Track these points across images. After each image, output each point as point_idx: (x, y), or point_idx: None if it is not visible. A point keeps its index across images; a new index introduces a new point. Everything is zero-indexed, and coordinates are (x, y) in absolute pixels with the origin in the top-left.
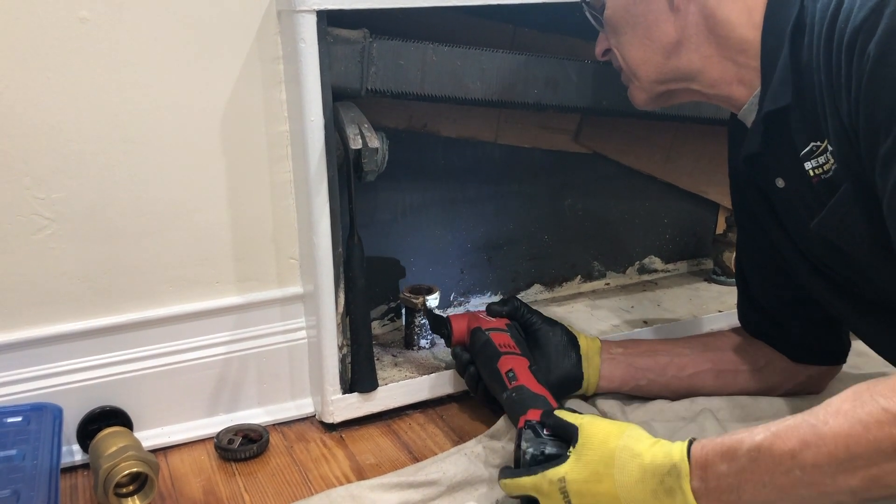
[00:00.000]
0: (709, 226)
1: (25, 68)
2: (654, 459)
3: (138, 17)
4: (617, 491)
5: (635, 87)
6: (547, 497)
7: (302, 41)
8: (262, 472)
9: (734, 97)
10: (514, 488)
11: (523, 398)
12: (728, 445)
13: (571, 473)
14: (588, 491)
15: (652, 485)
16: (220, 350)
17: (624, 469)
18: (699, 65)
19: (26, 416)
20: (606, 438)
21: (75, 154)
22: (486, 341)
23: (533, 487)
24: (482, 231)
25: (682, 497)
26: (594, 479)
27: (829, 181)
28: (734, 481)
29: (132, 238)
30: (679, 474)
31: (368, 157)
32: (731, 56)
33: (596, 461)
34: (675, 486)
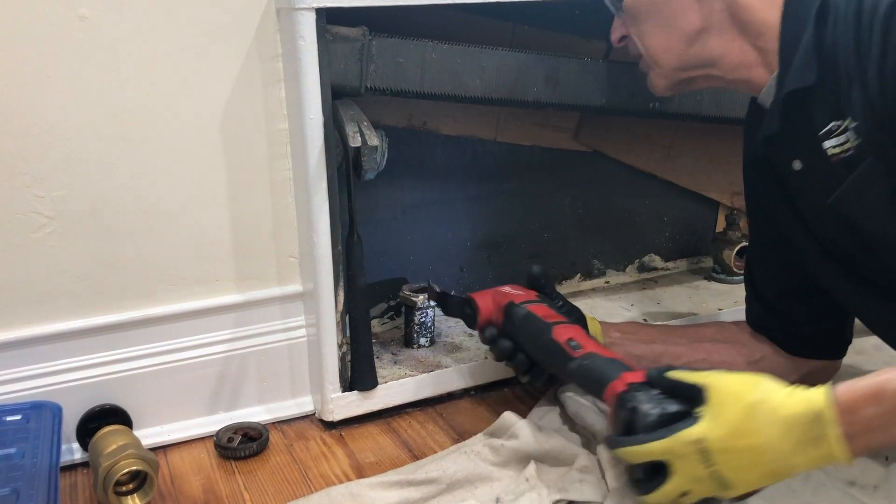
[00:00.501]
0: (709, 224)
1: (25, 66)
2: (795, 410)
3: (138, 16)
4: (762, 444)
5: (656, 74)
6: (682, 459)
7: (301, 39)
8: (262, 470)
9: (753, 80)
10: (639, 455)
11: (599, 364)
12: (874, 388)
13: (711, 432)
14: (731, 447)
15: (796, 435)
16: (220, 348)
17: (766, 423)
18: (720, 50)
19: (26, 414)
20: (741, 393)
21: (75, 152)
22: (527, 315)
23: (664, 451)
24: (482, 229)
25: (828, 445)
26: (735, 435)
27: (848, 160)
28: (884, 421)
29: (132, 236)
30: (824, 422)
31: (368, 155)
32: (751, 40)
33: (735, 418)
34: (821, 434)
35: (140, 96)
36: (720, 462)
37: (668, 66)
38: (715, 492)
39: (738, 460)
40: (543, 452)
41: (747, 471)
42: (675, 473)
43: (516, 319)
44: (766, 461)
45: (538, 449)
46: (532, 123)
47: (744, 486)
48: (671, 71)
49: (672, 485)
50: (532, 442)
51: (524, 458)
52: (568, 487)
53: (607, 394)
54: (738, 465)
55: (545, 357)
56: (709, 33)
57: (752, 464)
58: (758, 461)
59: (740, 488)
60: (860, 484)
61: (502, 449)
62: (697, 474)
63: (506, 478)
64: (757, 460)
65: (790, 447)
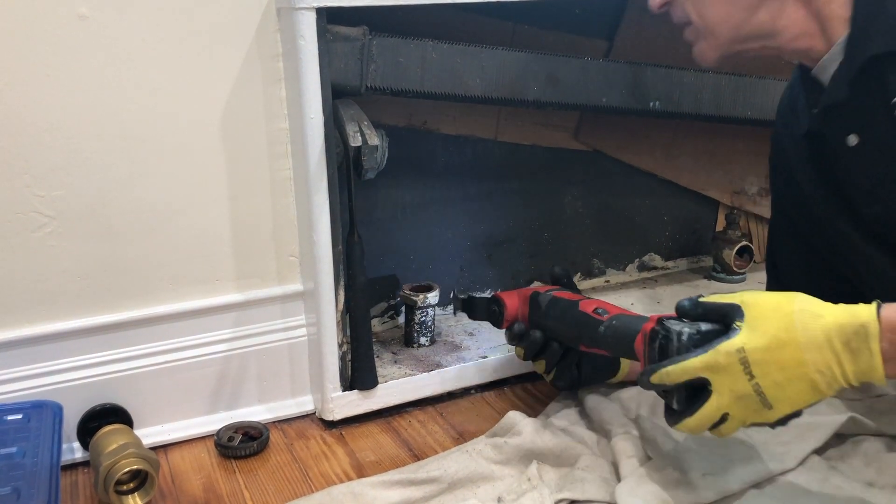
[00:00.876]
0: (709, 223)
1: (25, 66)
2: (838, 319)
3: (138, 15)
4: (803, 355)
5: (709, 45)
6: (723, 371)
7: (301, 38)
8: (263, 469)
9: (814, 49)
10: (678, 374)
11: (628, 320)
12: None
13: (751, 342)
14: (771, 359)
15: (838, 345)
16: (221, 347)
17: (807, 330)
18: (783, 21)
19: (27, 413)
20: (778, 305)
21: (75, 152)
22: (553, 298)
23: (705, 366)
24: (482, 228)
25: (869, 358)
26: (776, 345)
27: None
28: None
29: (132, 235)
30: (867, 335)
31: (368, 154)
32: (816, 7)
33: (774, 328)
34: (863, 346)
35: (140, 95)
36: (760, 375)
37: (724, 37)
38: (755, 414)
39: (780, 372)
40: (546, 450)
41: (788, 385)
42: (715, 392)
43: (543, 304)
44: (807, 372)
45: (541, 447)
46: (532, 123)
47: (785, 403)
48: (728, 42)
49: (713, 404)
50: (535, 439)
51: (526, 455)
52: (570, 487)
53: (638, 341)
54: (780, 377)
55: (575, 331)
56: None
57: (794, 376)
58: (799, 372)
59: (781, 407)
60: (879, 485)
61: (505, 447)
62: (739, 389)
63: (507, 477)
64: (798, 371)
65: (831, 356)
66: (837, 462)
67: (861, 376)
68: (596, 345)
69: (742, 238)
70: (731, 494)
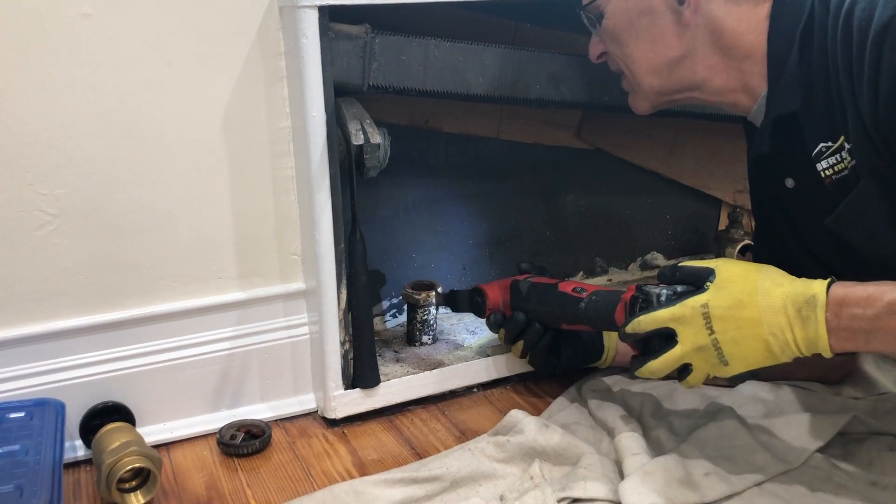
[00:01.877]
0: (711, 222)
1: (27, 64)
2: (795, 288)
3: (140, 14)
4: (760, 315)
5: (638, 96)
6: (688, 323)
7: (304, 37)
8: (265, 467)
9: (739, 104)
10: (648, 323)
11: (607, 294)
12: (870, 293)
13: (715, 300)
14: (731, 316)
15: (791, 311)
16: (223, 346)
17: (768, 295)
18: (704, 74)
19: (29, 411)
20: (747, 272)
21: (77, 150)
22: (532, 283)
23: (671, 317)
24: (484, 227)
25: (815, 326)
26: (738, 305)
27: (843, 181)
28: (867, 325)
29: (134, 234)
30: (816, 304)
31: (370, 153)
32: (736, 64)
33: (739, 291)
34: (811, 314)
35: (142, 94)
36: (720, 330)
37: (650, 90)
38: (714, 367)
39: (737, 330)
40: (549, 449)
41: (744, 343)
42: (679, 342)
43: (523, 290)
44: (762, 332)
45: (543, 445)
46: (534, 121)
47: (740, 361)
48: (653, 94)
49: (676, 351)
50: (538, 438)
51: (529, 454)
52: (572, 485)
53: (618, 311)
54: (737, 335)
55: (557, 310)
56: (692, 58)
57: (750, 335)
58: (755, 332)
59: (736, 364)
60: (882, 484)
61: (507, 445)
62: (699, 341)
63: (510, 475)
64: (754, 331)
65: (785, 321)
66: (840, 461)
67: (809, 344)
68: (578, 321)
69: (745, 237)
70: (735, 493)
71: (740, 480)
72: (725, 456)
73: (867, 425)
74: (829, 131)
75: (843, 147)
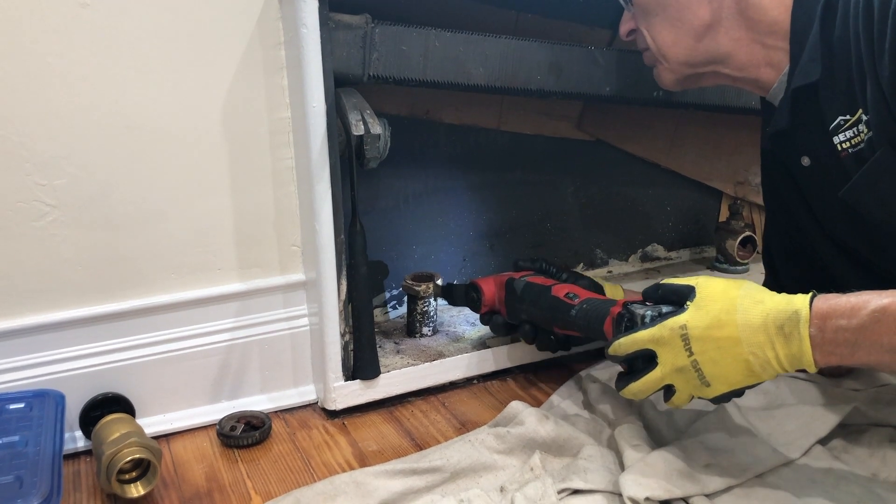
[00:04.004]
0: (712, 213)
1: (26, 54)
2: (777, 305)
3: (139, 4)
4: (739, 334)
5: (663, 68)
6: (666, 344)
7: (304, 27)
8: (265, 458)
9: (762, 79)
10: (628, 345)
11: (598, 304)
12: (853, 304)
13: (693, 321)
14: (710, 336)
15: (773, 329)
16: (223, 337)
17: (747, 314)
18: (729, 48)
19: (29, 402)
20: (726, 289)
21: (76, 140)
22: (527, 283)
23: (650, 338)
24: (484, 218)
25: (799, 342)
26: (716, 325)
27: (858, 154)
28: (852, 337)
29: (134, 225)
30: (798, 320)
31: (370, 143)
32: (760, 38)
33: (718, 309)
34: (794, 331)
35: (141, 84)
36: (699, 351)
37: (675, 61)
38: (696, 388)
39: (716, 351)
40: (549, 440)
41: (724, 363)
42: (659, 363)
43: (518, 289)
44: (741, 352)
45: (544, 436)
46: (535, 112)
47: (721, 381)
48: (679, 66)
49: (656, 373)
50: (538, 429)
51: (529, 445)
52: (573, 477)
53: (607, 323)
54: (716, 356)
55: (549, 314)
56: (717, 30)
57: (729, 355)
58: (734, 351)
59: (717, 385)
60: (883, 475)
61: (508, 436)
62: (679, 363)
63: (510, 467)
64: (733, 351)
65: (765, 338)
66: (841, 453)
67: (793, 360)
68: (568, 327)
69: (745, 228)
70: (735, 485)
71: (741, 472)
72: (726, 447)
73: (867, 417)
74: (848, 104)
75: (860, 120)
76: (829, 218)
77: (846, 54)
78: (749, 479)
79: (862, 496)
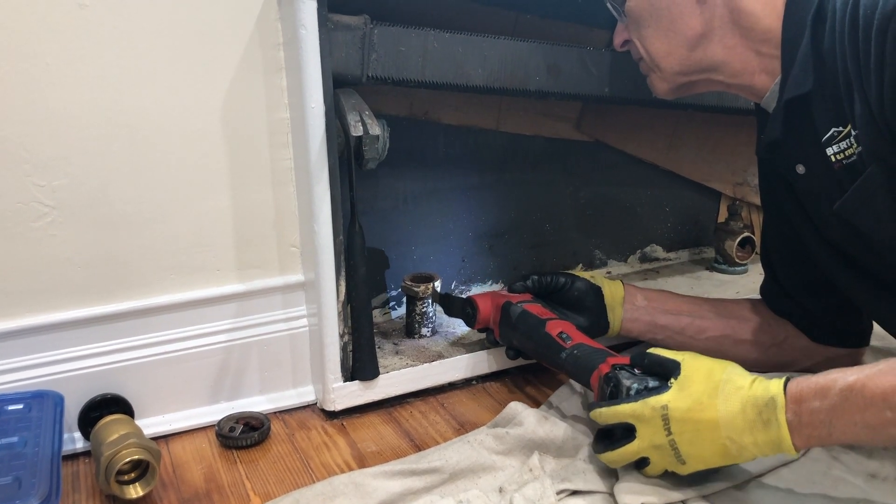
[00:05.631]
0: (711, 214)
1: (25, 54)
2: (755, 392)
3: (138, 3)
4: (718, 419)
5: (657, 77)
6: (646, 423)
7: (302, 27)
8: (264, 459)
9: (756, 87)
10: (609, 416)
11: (588, 353)
12: (822, 384)
13: (675, 402)
14: (690, 419)
15: (752, 415)
16: (222, 338)
17: (728, 400)
18: (722, 56)
19: (28, 403)
20: (710, 372)
21: (76, 141)
22: (523, 312)
23: (632, 413)
24: (483, 219)
25: (777, 428)
26: (697, 408)
27: (851, 166)
28: (826, 417)
29: (133, 225)
30: (775, 406)
31: (369, 144)
32: (753, 46)
33: (700, 392)
34: (772, 417)
35: (140, 85)
36: (677, 432)
37: (669, 71)
38: (671, 464)
39: (695, 433)
40: (548, 441)
41: (701, 445)
42: (638, 437)
43: (513, 317)
44: (719, 436)
45: (543, 437)
46: (534, 113)
47: (696, 461)
48: (672, 75)
49: (633, 447)
50: (537, 430)
51: (528, 445)
52: (572, 477)
53: (594, 377)
54: (694, 437)
55: (540, 350)
56: (710, 38)
57: (707, 438)
58: (712, 436)
59: (693, 463)
60: (881, 476)
61: (506, 437)
62: (657, 441)
63: (509, 467)
64: (711, 434)
65: (744, 425)
66: (840, 454)
67: (772, 445)
68: (556, 367)
69: (744, 229)
70: (733, 487)
71: (739, 473)
72: None
73: None
74: (839, 116)
75: (850, 133)
76: (825, 224)
77: (835, 67)
78: (747, 481)
79: (860, 498)
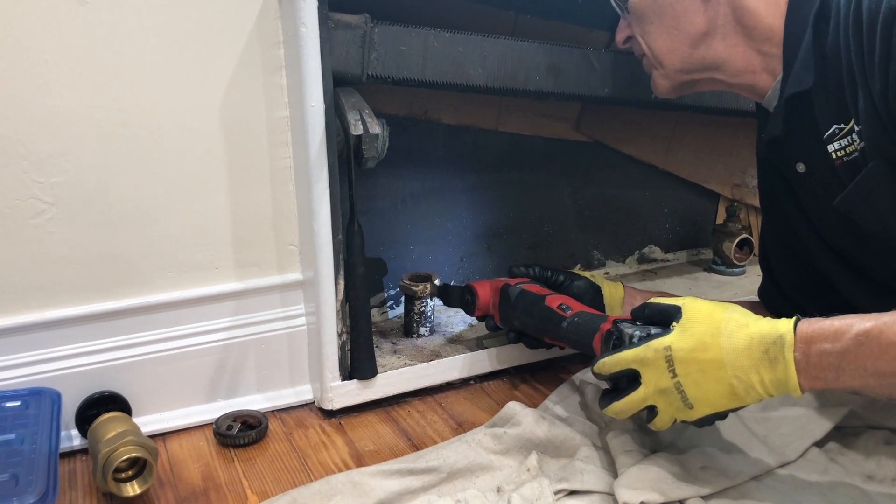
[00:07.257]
0: (709, 215)
1: (24, 51)
2: (761, 329)
3: (138, 1)
4: (723, 358)
5: (659, 75)
6: (650, 366)
7: (303, 26)
8: (261, 458)
9: (757, 85)
10: (612, 364)
11: (589, 318)
12: (836, 327)
13: (678, 343)
14: (694, 359)
15: (757, 353)
16: (220, 336)
17: (731, 337)
18: (725, 54)
19: (25, 400)
20: (712, 312)
21: (74, 138)
22: (522, 291)
23: (635, 358)
24: (482, 219)
25: (784, 366)
26: (700, 347)
27: (852, 162)
28: (836, 361)
29: (131, 223)
30: (783, 344)
31: (369, 143)
32: (756, 45)
33: (702, 332)
34: (779, 355)
35: (140, 82)
36: (682, 373)
37: (671, 68)
38: (678, 410)
39: (700, 373)
40: (546, 441)
41: (707, 386)
42: (643, 383)
43: (512, 297)
44: (725, 375)
45: (541, 437)
46: (533, 113)
47: (704, 403)
48: (674, 73)
49: (639, 393)
50: (535, 430)
51: (526, 445)
52: (570, 477)
53: (596, 339)
54: (699, 378)
55: (541, 324)
56: (713, 36)
57: (713, 378)
58: (717, 374)
59: (700, 407)
60: (878, 478)
61: (504, 437)
62: (662, 384)
63: (507, 467)
64: (717, 374)
65: (750, 363)
66: (837, 455)
67: (778, 385)
68: (559, 339)
69: (742, 231)
70: (731, 487)
71: (736, 474)
72: (722, 450)
73: (863, 419)
74: (842, 113)
75: (853, 129)
76: (825, 223)
77: (838, 63)
78: (745, 482)
79: (857, 499)
